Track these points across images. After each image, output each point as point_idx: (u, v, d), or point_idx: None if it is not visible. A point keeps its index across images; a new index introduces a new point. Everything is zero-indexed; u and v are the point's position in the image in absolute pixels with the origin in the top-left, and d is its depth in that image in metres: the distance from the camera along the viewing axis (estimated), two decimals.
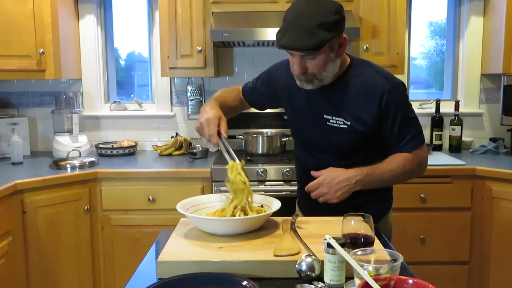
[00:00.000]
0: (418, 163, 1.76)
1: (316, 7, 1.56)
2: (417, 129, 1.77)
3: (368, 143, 1.76)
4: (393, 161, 1.72)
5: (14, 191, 2.50)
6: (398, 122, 1.70)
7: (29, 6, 2.91)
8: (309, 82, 1.67)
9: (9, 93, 3.52)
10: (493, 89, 3.53)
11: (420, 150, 1.76)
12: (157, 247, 1.58)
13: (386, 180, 1.73)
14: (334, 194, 1.63)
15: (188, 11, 3.03)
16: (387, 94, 1.66)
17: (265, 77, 2.00)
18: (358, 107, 1.70)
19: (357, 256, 1.16)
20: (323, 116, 1.76)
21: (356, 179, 1.64)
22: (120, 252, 2.88)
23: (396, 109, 1.68)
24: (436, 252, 2.88)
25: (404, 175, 1.75)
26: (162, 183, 2.84)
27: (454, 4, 3.55)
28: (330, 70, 1.66)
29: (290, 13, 1.60)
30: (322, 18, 1.54)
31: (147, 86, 3.72)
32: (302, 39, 1.54)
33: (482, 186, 2.81)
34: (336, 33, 1.57)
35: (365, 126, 1.70)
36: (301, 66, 1.63)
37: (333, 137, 1.76)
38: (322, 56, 1.60)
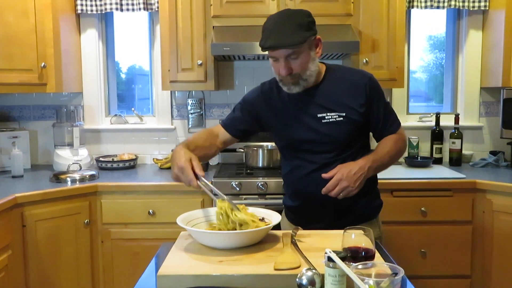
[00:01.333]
0: (403, 141, 1.99)
1: (290, 14, 1.80)
2: (394, 112, 2.01)
3: (360, 134, 1.93)
4: (387, 144, 1.92)
5: (14, 204, 2.50)
6: (382, 107, 1.92)
7: (31, 21, 2.93)
8: (296, 84, 1.83)
9: (10, 107, 3.53)
10: (493, 102, 3.54)
11: (401, 129, 2.00)
12: (157, 261, 1.57)
13: (387, 162, 1.90)
14: (354, 184, 1.73)
15: (189, 25, 3.06)
16: (368, 84, 1.89)
17: (242, 105, 2.08)
18: (348, 99, 1.88)
19: (357, 270, 1.16)
20: (317, 116, 1.89)
21: (367, 165, 1.78)
22: (120, 266, 2.87)
23: (378, 96, 1.91)
24: (437, 266, 2.87)
25: (398, 154, 1.94)
26: (163, 197, 2.84)
27: (453, 18, 3.58)
28: (312, 68, 1.83)
29: (268, 23, 1.80)
30: (298, 20, 1.76)
31: (147, 100, 3.74)
32: (286, 38, 1.73)
33: (482, 199, 2.81)
34: (312, 32, 1.79)
35: (358, 115, 1.87)
36: (287, 67, 1.79)
37: (332, 131, 1.87)
38: (304, 55, 1.78)
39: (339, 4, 3.01)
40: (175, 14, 3.05)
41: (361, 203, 1.93)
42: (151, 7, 3.35)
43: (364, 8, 3.04)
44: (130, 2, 3.32)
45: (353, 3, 3.03)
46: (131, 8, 3.33)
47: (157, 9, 3.30)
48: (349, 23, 3.03)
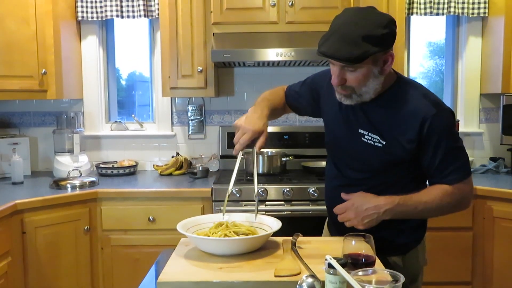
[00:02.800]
0: (459, 198, 1.64)
1: (364, 18, 1.50)
2: (462, 161, 1.63)
3: (403, 167, 1.66)
4: (430, 193, 1.62)
5: (14, 211, 2.50)
6: (440, 151, 1.58)
7: (32, 27, 2.94)
8: (348, 97, 1.61)
9: (11, 113, 3.53)
10: (493, 108, 3.54)
11: (463, 184, 1.62)
12: (157, 268, 1.57)
13: (420, 212, 1.62)
14: (361, 221, 1.57)
15: (189, 32, 3.07)
16: (430, 120, 1.55)
17: (310, 83, 1.92)
18: (396, 128, 1.60)
19: (358, 277, 1.15)
20: (359, 131, 1.68)
21: (385, 208, 1.57)
22: (120, 273, 2.86)
23: (439, 137, 1.57)
24: (437, 272, 2.86)
25: (441, 209, 1.64)
26: (163, 203, 2.83)
27: (452, 25, 3.59)
28: (371, 86, 1.58)
29: (337, 21, 1.55)
30: (368, 30, 1.47)
31: (148, 106, 3.74)
32: (343, 49, 1.47)
33: (483, 206, 2.80)
34: (381, 48, 1.50)
35: (401, 150, 1.60)
36: (340, 77, 1.56)
37: (365, 154, 1.67)
38: (363, 70, 1.53)
39: (338, 11, 2.98)
40: (176, 21, 3.06)
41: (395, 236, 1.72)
42: (151, 14, 3.36)
43: None
44: (131, 9, 3.33)
45: None
46: (131, 15, 3.34)
47: (157, 16, 3.31)
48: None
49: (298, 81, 1.98)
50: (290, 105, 1.97)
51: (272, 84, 3.34)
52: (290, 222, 2.01)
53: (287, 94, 1.96)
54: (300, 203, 2.79)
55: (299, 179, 2.99)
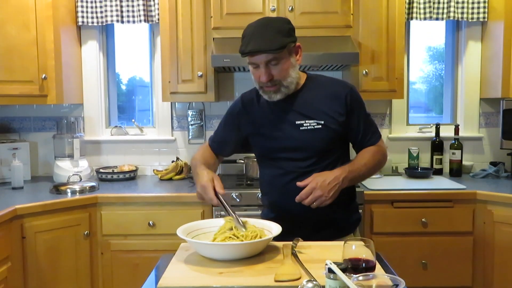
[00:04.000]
0: (383, 153, 1.98)
1: (269, 21, 1.84)
2: (375, 124, 2.01)
3: (338, 143, 1.93)
4: (365, 155, 1.92)
5: (14, 216, 2.50)
6: (362, 118, 1.93)
7: (32, 33, 2.95)
8: (277, 91, 1.84)
9: (11, 118, 3.53)
10: (492, 113, 3.54)
11: (381, 141, 2.00)
12: (157, 273, 1.57)
13: (364, 173, 1.90)
14: (328, 194, 1.72)
15: (189, 37, 3.07)
16: (349, 94, 1.90)
17: (225, 119, 2.12)
18: (327, 108, 1.88)
19: (358, 281, 1.15)
20: (295, 123, 1.89)
21: (342, 176, 1.77)
22: (119, 278, 2.85)
23: (358, 107, 1.92)
24: (438, 277, 2.86)
25: (376, 166, 1.95)
26: (163, 208, 2.83)
27: (452, 30, 3.60)
28: (293, 75, 1.84)
29: (248, 30, 1.81)
30: (278, 26, 1.79)
31: (148, 111, 3.74)
32: (266, 43, 1.74)
33: (483, 210, 2.80)
34: (292, 38, 1.81)
35: (337, 124, 1.87)
36: (267, 73, 1.79)
37: (310, 139, 1.88)
38: (284, 61, 1.79)
39: (338, 16, 3.03)
40: (176, 26, 3.07)
41: (338, 217, 1.93)
42: (151, 19, 3.37)
43: (363, 20, 3.06)
44: (131, 14, 3.34)
45: (352, 15, 3.05)
46: (131, 20, 3.35)
47: (157, 21, 3.32)
48: (349, 34, 3.05)
49: (214, 132, 2.19)
50: (219, 152, 2.15)
51: None
52: None
53: (211, 147, 2.15)
54: None
55: None
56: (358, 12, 3.06)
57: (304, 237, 1.72)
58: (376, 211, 2.82)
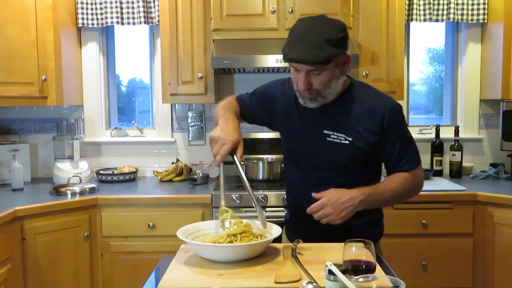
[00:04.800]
0: (417, 183, 1.81)
1: (323, 24, 1.62)
2: (415, 150, 1.81)
3: (366, 161, 1.79)
4: (394, 181, 1.76)
5: (14, 217, 2.49)
6: (398, 142, 1.75)
7: (32, 34, 2.95)
8: (313, 100, 1.71)
9: (11, 120, 3.53)
10: (492, 114, 3.55)
11: (418, 169, 1.81)
12: (157, 274, 1.56)
13: (388, 199, 1.76)
14: (339, 214, 1.62)
15: (189, 38, 3.07)
16: (388, 114, 1.71)
17: (261, 94, 1.99)
18: (360, 125, 1.73)
19: (358, 283, 1.15)
20: (323, 132, 1.78)
21: (359, 198, 1.64)
22: (119, 279, 2.85)
23: (397, 129, 1.74)
24: (438, 278, 2.86)
25: (404, 194, 1.79)
26: (163, 209, 2.83)
27: (452, 31, 3.60)
28: (334, 87, 1.70)
29: (297, 29, 1.64)
30: (329, 34, 1.59)
31: (148, 112, 3.75)
32: (311, 53, 1.57)
33: (483, 211, 2.80)
34: (342, 49, 1.64)
35: (366, 143, 1.73)
36: (306, 81, 1.65)
37: (333, 152, 1.76)
38: (327, 72, 1.64)
39: (338, 18, 3.00)
40: (176, 28, 3.07)
41: (357, 228, 1.76)
42: (151, 21, 3.37)
43: (363, 21, 3.07)
44: (131, 15, 3.34)
45: (352, 17, 3.05)
46: (131, 22, 3.35)
47: (157, 23, 3.32)
48: (349, 36, 3.04)
49: (246, 92, 2.05)
50: (243, 116, 2.01)
51: None
52: None
53: (238, 103, 2.01)
54: None
55: None
56: (358, 14, 3.07)
57: None
58: None
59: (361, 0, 3.06)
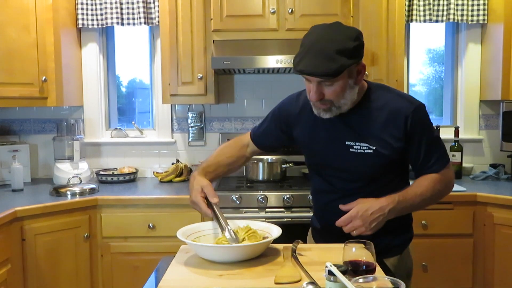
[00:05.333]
0: (446, 183, 1.75)
1: (335, 33, 1.56)
2: (442, 149, 1.74)
3: (393, 167, 1.73)
4: (423, 184, 1.70)
5: (14, 218, 2.49)
6: (424, 143, 1.68)
7: (32, 35, 2.95)
8: (327, 110, 1.65)
9: (11, 120, 3.53)
10: (492, 115, 3.55)
11: (447, 169, 1.74)
12: (157, 275, 1.56)
13: (418, 204, 1.69)
14: (369, 226, 1.57)
15: (189, 39, 3.07)
16: (411, 115, 1.64)
17: (275, 115, 1.94)
18: (383, 131, 1.67)
19: (358, 284, 1.15)
20: (345, 143, 1.72)
21: (389, 207, 1.59)
22: (119, 280, 2.85)
23: (421, 130, 1.67)
24: (438, 279, 2.85)
25: (434, 196, 1.72)
26: (163, 210, 2.83)
27: (452, 32, 3.60)
28: (348, 97, 1.64)
29: (309, 38, 1.58)
30: (341, 44, 1.53)
31: (148, 113, 3.75)
32: (320, 64, 1.52)
33: (483, 212, 2.80)
34: (355, 59, 1.57)
35: (391, 150, 1.67)
36: (318, 92, 1.60)
37: (358, 163, 1.71)
38: (340, 83, 1.58)
39: (338, 18, 3.02)
40: (176, 28, 3.07)
41: (384, 240, 1.70)
42: (151, 21, 3.37)
43: (363, 22, 3.06)
44: (131, 16, 3.34)
45: (352, 17, 3.05)
46: (131, 22, 3.35)
47: (157, 23, 3.32)
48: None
49: (259, 123, 2.02)
50: (259, 146, 1.98)
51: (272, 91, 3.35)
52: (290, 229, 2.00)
53: (252, 137, 1.99)
54: (300, 210, 2.79)
55: (299, 186, 2.98)
56: (358, 15, 3.07)
57: None
58: None
59: (361, 1, 3.06)
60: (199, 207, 1.71)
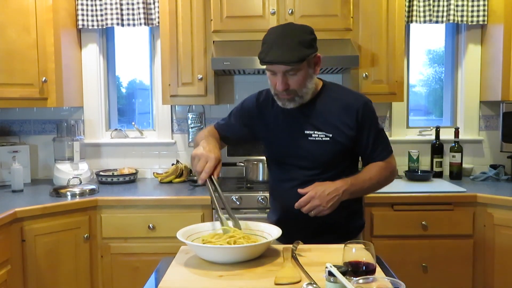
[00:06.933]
0: (391, 170, 1.97)
1: (293, 29, 1.79)
2: (387, 140, 1.97)
3: (345, 156, 1.92)
4: (371, 170, 1.92)
5: (14, 219, 2.49)
6: (372, 133, 1.90)
7: (32, 36, 2.95)
8: (291, 100, 1.84)
9: (11, 121, 3.54)
10: (492, 116, 3.55)
11: (391, 158, 1.97)
12: (157, 276, 1.56)
13: (367, 188, 1.90)
14: (326, 205, 1.73)
15: (190, 40, 3.08)
16: (362, 109, 1.87)
17: (238, 112, 2.12)
18: (337, 120, 1.87)
19: (358, 284, 1.15)
20: (304, 132, 1.89)
21: (343, 188, 1.78)
22: (119, 281, 2.85)
23: (369, 122, 1.89)
24: (438, 280, 2.85)
25: (381, 182, 1.94)
26: (162, 211, 2.83)
27: (452, 33, 3.60)
28: (309, 86, 1.83)
29: (270, 37, 1.78)
30: (300, 37, 1.75)
31: (148, 114, 3.75)
32: (286, 54, 1.71)
33: (483, 213, 2.80)
34: (313, 50, 1.78)
35: (345, 138, 1.87)
36: (284, 82, 1.78)
37: (316, 150, 1.88)
38: (302, 72, 1.78)
39: (338, 19, 3.03)
40: (176, 29, 3.07)
41: (340, 222, 1.93)
42: (151, 22, 3.37)
43: (363, 23, 3.07)
44: (131, 17, 3.35)
45: (352, 18, 3.05)
46: (132, 23, 3.36)
47: (157, 24, 3.33)
48: (349, 37, 3.05)
49: (222, 118, 2.19)
50: (225, 141, 2.14)
51: None
52: None
53: (216, 128, 2.14)
54: None
55: None
56: (358, 15, 3.07)
57: (305, 241, 1.71)
58: (376, 214, 2.82)
59: (361, 2, 3.06)
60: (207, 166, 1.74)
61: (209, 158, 1.75)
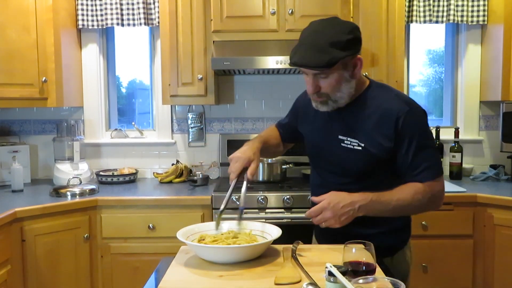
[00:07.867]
0: (430, 196, 1.64)
1: (330, 27, 1.59)
2: (434, 159, 1.67)
3: (382, 168, 1.69)
4: (403, 190, 1.63)
5: (14, 219, 2.49)
6: (413, 147, 1.62)
7: (32, 36, 2.95)
8: (324, 103, 1.68)
9: (11, 121, 3.53)
10: (492, 116, 3.55)
11: (435, 182, 1.65)
12: (157, 276, 1.56)
13: (392, 209, 1.62)
14: (338, 219, 1.55)
15: (190, 40, 3.08)
16: (404, 117, 1.62)
17: (291, 108, 2.05)
18: (373, 129, 1.66)
19: (358, 285, 1.15)
20: (338, 137, 1.74)
21: (359, 204, 1.57)
22: (119, 281, 2.85)
23: (412, 133, 1.62)
24: (438, 280, 2.85)
25: (413, 206, 1.65)
26: (163, 211, 2.83)
27: (452, 33, 3.60)
28: (345, 91, 1.65)
29: (304, 33, 1.62)
30: (334, 37, 1.55)
31: (148, 114, 3.75)
32: (313, 56, 1.55)
33: (483, 213, 2.80)
34: (349, 52, 1.58)
35: (379, 149, 1.65)
36: (314, 85, 1.63)
37: (346, 159, 1.71)
38: (335, 75, 1.60)
39: None
40: (176, 29, 3.07)
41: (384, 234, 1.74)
42: (151, 22, 3.37)
43: (363, 23, 3.06)
44: (131, 17, 3.34)
45: (352, 18, 3.05)
46: (132, 23, 3.35)
47: (157, 24, 3.33)
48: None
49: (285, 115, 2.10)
50: (287, 139, 2.07)
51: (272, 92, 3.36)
52: (290, 230, 2.00)
53: (277, 127, 2.08)
54: (300, 211, 2.79)
55: (299, 186, 2.98)
56: (358, 15, 3.07)
57: None
58: None
59: (361, 2, 3.06)
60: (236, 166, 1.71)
61: (238, 159, 1.71)
